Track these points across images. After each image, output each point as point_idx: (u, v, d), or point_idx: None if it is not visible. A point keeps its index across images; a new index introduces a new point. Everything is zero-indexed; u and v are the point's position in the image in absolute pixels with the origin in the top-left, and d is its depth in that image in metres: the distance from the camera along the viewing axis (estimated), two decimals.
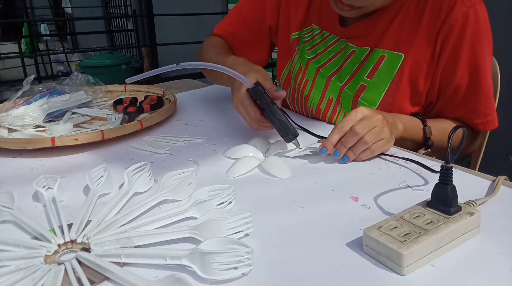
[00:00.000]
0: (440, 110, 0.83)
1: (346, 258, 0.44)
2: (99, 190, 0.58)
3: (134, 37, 5.79)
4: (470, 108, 0.80)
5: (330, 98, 0.88)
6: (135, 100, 0.98)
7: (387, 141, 0.68)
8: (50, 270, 0.42)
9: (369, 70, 0.83)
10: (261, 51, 1.04)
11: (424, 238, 0.42)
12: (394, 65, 0.80)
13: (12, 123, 0.87)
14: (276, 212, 0.54)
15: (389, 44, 0.81)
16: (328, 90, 0.88)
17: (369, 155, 0.67)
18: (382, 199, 0.56)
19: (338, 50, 0.87)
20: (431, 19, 0.77)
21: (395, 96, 0.81)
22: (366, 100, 0.83)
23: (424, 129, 0.78)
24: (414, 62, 0.79)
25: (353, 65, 0.85)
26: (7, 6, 8.12)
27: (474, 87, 0.78)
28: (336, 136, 0.66)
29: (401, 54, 0.79)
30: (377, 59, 0.82)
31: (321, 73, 0.89)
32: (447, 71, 0.78)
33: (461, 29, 0.75)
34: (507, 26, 1.78)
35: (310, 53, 0.92)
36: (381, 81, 0.81)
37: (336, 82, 0.87)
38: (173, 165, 0.68)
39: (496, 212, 0.51)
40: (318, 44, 0.90)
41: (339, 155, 0.66)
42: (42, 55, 5.85)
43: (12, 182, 0.65)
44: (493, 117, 0.82)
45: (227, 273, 0.41)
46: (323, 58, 0.90)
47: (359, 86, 0.84)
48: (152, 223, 0.50)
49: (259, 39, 1.02)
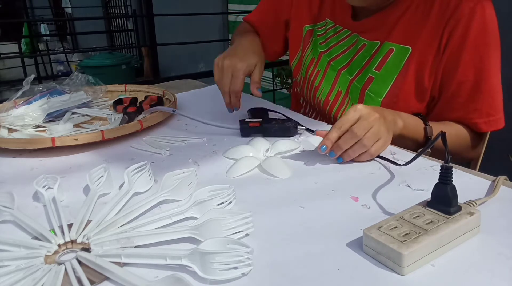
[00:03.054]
0: (442, 109, 0.83)
1: (346, 258, 0.44)
2: (99, 190, 0.58)
3: (134, 37, 5.79)
4: (472, 107, 0.80)
5: (339, 90, 0.90)
6: (135, 100, 0.98)
7: (385, 141, 0.67)
8: (50, 270, 0.42)
9: (378, 62, 0.84)
10: (277, 44, 1.09)
11: (424, 238, 0.42)
12: (401, 58, 0.81)
13: (12, 123, 0.87)
14: (276, 212, 0.54)
15: (398, 38, 0.82)
16: (338, 83, 0.90)
17: (368, 158, 0.67)
18: (382, 199, 0.56)
19: (350, 44, 0.89)
20: (439, 14, 0.78)
21: (401, 88, 0.81)
22: (373, 92, 0.84)
23: (425, 128, 0.78)
24: (421, 56, 0.79)
25: (363, 59, 0.87)
26: (7, 6, 8.11)
27: (476, 85, 0.78)
28: (335, 134, 0.66)
29: (409, 47, 0.80)
30: (385, 52, 0.83)
31: (332, 66, 0.91)
32: (449, 66, 0.78)
33: (466, 24, 0.75)
34: (508, 26, 1.78)
35: (323, 47, 0.94)
36: (388, 73, 0.82)
37: (346, 75, 0.89)
38: (173, 165, 0.68)
39: (496, 212, 0.51)
40: (331, 37, 0.93)
41: (334, 156, 0.66)
42: (42, 55, 5.85)
43: (12, 182, 0.65)
44: (497, 118, 0.81)
45: (227, 273, 0.41)
46: (335, 51, 0.92)
47: (367, 78, 0.85)
48: (152, 223, 0.50)
49: (277, 32, 1.06)
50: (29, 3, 8.16)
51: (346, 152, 0.66)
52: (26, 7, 6.91)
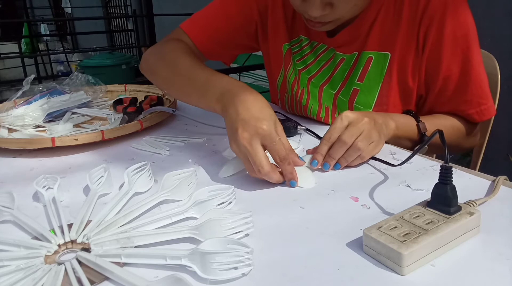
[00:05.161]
0: (432, 105, 0.83)
1: (346, 258, 0.44)
2: (99, 190, 0.58)
3: (134, 37, 5.79)
4: (462, 99, 0.80)
5: (326, 106, 0.87)
6: (135, 100, 0.98)
7: (376, 144, 0.67)
8: (50, 270, 0.42)
9: (359, 73, 0.82)
10: (233, 55, 1.01)
11: (424, 238, 0.42)
12: (382, 65, 0.80)
13: (12, 123, 0.87)
14: (276, 212, 0.54)
15: (375, 45, 0.80)
16: (322, 99, 0.88)
17: (359, 161, 0.66)
18: (382, 199, 0.56)
19: (327, 59, 0.87)
20: (411, 14, 0.77)
21: (388, 95, 0.81)
22: (361, 104, 0.82)
23: (418, 125, 0.78)
24: (401, 59, 0.79)
25: (343, 72, 0.85)
26: (7, 6, 8.12)
27: (462, 77, 0.78)
28: (324, 147, 0.65)
29: (387, 53, 0.80)
30: (365, 62, 0.82)
31: (313, 83, 0.89)
32: (432, 63, 0.78)
33: (440, 20, 0.75)
34: (507, 26, 1.78)
35: (300, 64, 0.90)
36: (372, 82, 0.81)
37: (329, 90, 0.87)
38: (173, 165, 0.68)
39: (496, 212, 0.51)
40: (308, 54, 0.90)
41: (329, 167, 0.65)
42: (42, 55, 5.85)
43: (12, 182, 0.65)
44: (488, 106, 0.81)
45: (227, 273, 0.41)
46: (314, 69, 0.89)
47: (352, 91, 0.83)
48: (152, 223, 0.50)
49: (238, 42, 0.96)
50: (29, 3, 8.16)
51: (342, 158, 0.65)
52: (26, 7, 6.91)
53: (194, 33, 0.91)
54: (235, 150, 0.61)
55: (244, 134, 0.58)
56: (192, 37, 0.91)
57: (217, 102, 0.65)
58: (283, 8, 0.90)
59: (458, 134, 0.83)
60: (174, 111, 0.87)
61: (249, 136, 0.58)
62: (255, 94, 0.63)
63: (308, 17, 0.74)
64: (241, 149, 0.59)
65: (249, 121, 0.59)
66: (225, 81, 0.68)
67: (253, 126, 0.58)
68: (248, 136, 0.58)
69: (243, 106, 0.61)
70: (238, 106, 0.61)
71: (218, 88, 0.67)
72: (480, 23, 0.80)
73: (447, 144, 0.56)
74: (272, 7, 0.91)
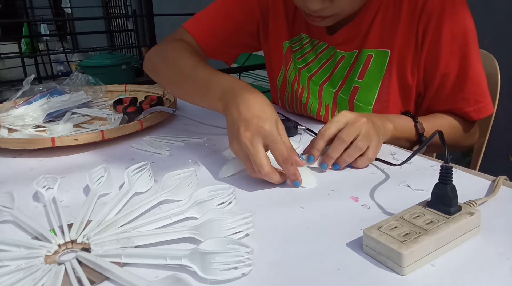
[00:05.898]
0: (430, 103, 0.83)
1: (346, 258, 0.44)
2: (99, 190, 0.58)
3: (134, 37, 5.79)
4: (460, 96, 0.80)
5: (326, 104, 0.87)
6: (135, 100, 0.98)
7: (376, 144, 0.66)
8: (50, 270, 0.42)
9: (359, 71, 0.83)
10: (234, 55, 1.01)
11: (424, 238, 0.42)
12: (382, 63, 0.81)
13: (12, 123, 0.87)
14: (276, 212, 0.54)
15: (374, 43, 0.81)
16: (322, 97, 0.88)
17: (366, 163, 0.65)
18: (382, 199, 0.56)
19: (328, 57, 0.87)
20: (410, 11, 0.77)
21: (388, 92, 0.81)
22: (361, 101, 0.83)
23: (416, 125, 0.78)
24: (400, 56, 0.79)
25: (343, 70, 0.85)
26: (7, 6, 8.12)
27: (460, 75, 0.78)
28: (320, 141, 0.64)
29: (387, 50, 0.80)
30: (365, 59, 0.82)
31: (313, 81, 0.89)
32: (430, 61, 0.78)
33: (439, 17, 0.75)
34: (507, 26, 1.78)
35: (301, 62, 0.91)
36: (372, 80, 0.82)
37: (329, 89, 0.87)
38: (173, 165, 0.68)
39: (496, 212, 0.51)
40: (309, 52, 0.90)
41: (326, 167, 0.64)
42: (42, 55, 5.85)
43: (12, 182, 0.65)
44: (485, 104, 0.81)
45: (227, 273, 0.41)
46: (314, 67, 0.89)
47: (352, 88, 0.83)
48: (152, 223, 0.50)
49: (241, 41, 0.97)
50: (29, 3, 8.17)
51: (341, 158, 0.64)
52: (26, 7, 6.91)
53: (197, 32, 0.92)
54: (235, 149, 0.60)
55: (246, 133, 0.58)
56: (195, 36, 0.91)
57: (219, 101, 0.65)
58: (284, 6, 0.91)
59: (456, 133, 0.83)
60: (174, 111, 0.87)
61: (251, 135, 0.58)
62: (257, 93, 0.63)
63: (307, 11, 0.75)
64: (242, 148, 0.59)
65: (250, 120, 0.59)
66: (227, 80, 0.68)
67: (255, 125, 0.58)
68: (250, 135, 0.58)
69: (244, 105, 0.60)
70: (240, 105, 0.61)
71: (220, 87, 0.67)
72: (480, 23, 0.81)
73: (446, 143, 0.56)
74: (273, 5, 0.91)
